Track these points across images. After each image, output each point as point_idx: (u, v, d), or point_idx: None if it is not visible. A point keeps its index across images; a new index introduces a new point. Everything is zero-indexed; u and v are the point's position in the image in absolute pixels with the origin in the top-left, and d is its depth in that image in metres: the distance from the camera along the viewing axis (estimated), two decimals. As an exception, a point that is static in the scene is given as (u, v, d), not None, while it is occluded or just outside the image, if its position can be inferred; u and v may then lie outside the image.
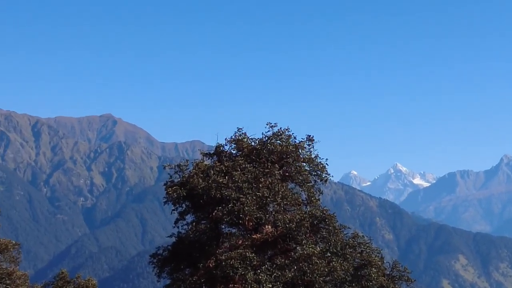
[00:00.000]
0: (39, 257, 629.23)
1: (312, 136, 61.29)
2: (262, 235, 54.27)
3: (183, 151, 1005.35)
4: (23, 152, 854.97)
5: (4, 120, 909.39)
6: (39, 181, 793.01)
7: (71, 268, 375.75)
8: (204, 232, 57.53)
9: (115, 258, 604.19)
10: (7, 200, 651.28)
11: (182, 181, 56.78)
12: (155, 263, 58.92)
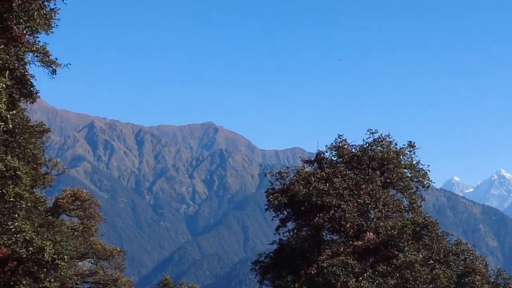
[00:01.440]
0: (143, 264, 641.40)
1: (413, 142, 60.75)
2: (363, 242, 53.99)
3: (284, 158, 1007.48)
4: (126, 160, 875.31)
5: (109, 129, 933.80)
6: (142, 188, 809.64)
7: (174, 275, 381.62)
8: (305, 239, 57.64)
9: (217, 265, 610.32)
10: (112, 207, 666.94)
11: (283, 188, 57.08)
12: (257, 270, 59.36)
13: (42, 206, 55.06)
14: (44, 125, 57.45)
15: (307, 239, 57.52)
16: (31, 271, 42.85)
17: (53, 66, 43.50)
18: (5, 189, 38.90)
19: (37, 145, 54.39)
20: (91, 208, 70.78)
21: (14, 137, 48.24)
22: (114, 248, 76.53)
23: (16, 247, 40.45)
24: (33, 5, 34.30)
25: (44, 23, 37.73)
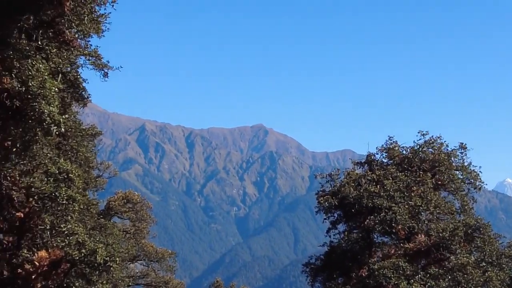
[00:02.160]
0: (194, 266, 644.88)
1: (464, 144, 60.16)
2: (415, 244, 53.60)
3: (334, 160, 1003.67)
4: (177, 163, 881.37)
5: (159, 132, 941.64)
6: (193, 191, 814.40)
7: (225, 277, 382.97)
8: (356, 241, 57.47)
9: (268, 267, 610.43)
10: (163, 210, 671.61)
11: (333, 190, 57.01)
12: (308, 272, 59.36)
13: (95, 208, 55.76)
14: (96, 128, 58.22)
15: (358, 241, 57.35)
16: (84, 273, 43.32)
17: (105, 69, 44.05)
18: (58, 191, 39.43)
19: (89, 148, 55.11)
20: (142, 210, 71.48)
21: (66, 140, 48.95)
22: (166, 250, 77.17)
23: (69, 249, 40.95)
24: (85, 9, 34.75)
25: (95, 27, 38.21)
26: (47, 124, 33.69)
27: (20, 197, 41.85)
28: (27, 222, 41.13)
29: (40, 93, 33.19)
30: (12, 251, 44.01)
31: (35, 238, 42.20)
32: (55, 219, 40.99)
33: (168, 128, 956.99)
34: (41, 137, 36.25)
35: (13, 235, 43.55)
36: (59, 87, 36.69)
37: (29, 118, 34.33)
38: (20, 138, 35.82)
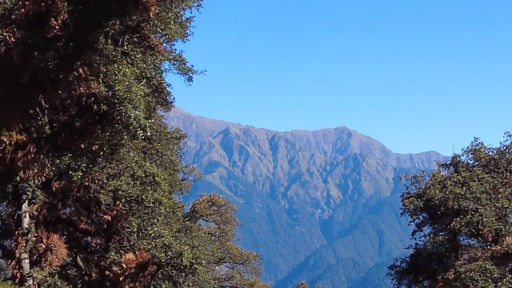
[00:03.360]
0: (279, 268, 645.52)
1: (552, 145, 58.64)
2: (502, 247, 52.52)
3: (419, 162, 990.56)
4: (261, 166, 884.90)
5: (243, 135, 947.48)
6: (277, 193, 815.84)
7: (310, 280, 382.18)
8: (442, 244, 56.69)
9: (353, 269, 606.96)
10: (248, 212, 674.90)
11: (418, 192, 56.45)
12: (394, 275, 58.84)
13: (180, 211, 56.39)
14: (180, 132, 58.93)
15: (444, 244, 56.56)
16: (170, 275, 43.87)
17: (189, 74, 44.49)
18: (145, 194, 40.05)
19: (174, 152, 55.82)
20: (227, 213, 71.92)
21: (152, 144, 49.69)
22: (250, 253, 77.43)
23: (155, 252, 41.53)
24: (170, 14, 35.17)
25: (180, 31, 38.63)
26: (133, 128, 34.21)
27: (107, 200, 42.68)
28: (115, 225, 41.88)
29: (126, 97, 33.74)
30: (100, 254, 44.90)
31: (123, 240, 42.92)
32: (141, 221, 41.64)
33: (252, 131, 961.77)
34: (127, 141, 36.85)
35: (101, 237, 44.43)
36: (145, 92, 37.23)
37: (116, 122, 34.93)
38: (107, 142, 36.48)
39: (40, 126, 36.54)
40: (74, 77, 32.39)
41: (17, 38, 33.19)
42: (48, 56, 31.18)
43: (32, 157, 35.46)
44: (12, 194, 38.32)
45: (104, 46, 32.75)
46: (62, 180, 39.64)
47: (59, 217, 44.21)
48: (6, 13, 34.05)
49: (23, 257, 37.90)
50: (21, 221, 38.12)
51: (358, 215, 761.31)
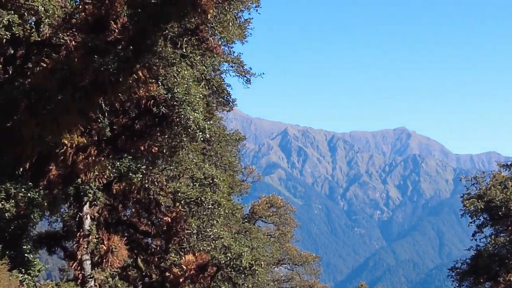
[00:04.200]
0: (338, 270, 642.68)
1: None
2: None
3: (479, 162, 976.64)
4: (320, 167, 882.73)
5: (302, 136, 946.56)
6: (336, 195, 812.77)
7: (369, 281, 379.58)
8: (503, 245, 55.81)
9: (412, 271, 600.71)
10: (306, 213, 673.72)
11: (479, 193, 55.67)
12: (454, 277, 58.10)
13: (239, 213, 56.47)
14: (239, 133, 58.99)
15: (506, 245, 55.67)
16: (230, 276, 43.94)
17: (247, 76, 44.49)
18: (204, 196, 40.15)
19: (233, 153, 55.90)
20: (286, 214, 71.78)
21: (211, 146, 49.84)
22: (310, 254, 77.13)
23: (215, 253, 41.63)
24: (228, 16, 35.19)
25: (238, 33, 38.63)
26: (192, 130, 34.36)
27: (167, 202, 42.94)
28: (174, 226, 42.10)
29: (185, 100, 33.90)
30: (160, 255, 45.22)
31: (182, 242, 43.12)
32: (201, 223, 41.76)
33: (310, 132, 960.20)
34: (186, 143, 37.03)
35: (161, 239, 44.74)
36: (204, 93, 37.36)
37: (175, 124, 35.15)
38: (167, 144, 36.73)
39: (100, 128, 36.98)
40: (134, 80, 32.65)
41: (77, 41, 33.59)
42: (108, 59, 31.48)
43: (93, 159, 35.88)
44: (74, 196, 38.86)
45: (163, 49, 32.93)
46: (122, 182, 40.06)
47: (119, 219, 44.68)
48: (67, 17, 34.49)
49: (85, 259, 38.38)
50: (83, 223, 38.62)
51: (418, 216, 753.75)
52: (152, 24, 31.72)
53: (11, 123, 35.34)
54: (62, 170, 37.42)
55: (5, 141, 35.36)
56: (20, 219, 34.35)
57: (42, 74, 33.62)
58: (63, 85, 32.73)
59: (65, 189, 38.43)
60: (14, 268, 32.52)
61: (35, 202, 34.25)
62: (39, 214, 35.78)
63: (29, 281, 34.24)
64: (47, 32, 33.93)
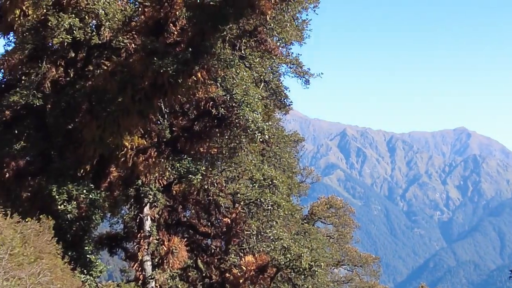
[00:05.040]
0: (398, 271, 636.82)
1: None
2: None
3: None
4: (379, 168, 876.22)
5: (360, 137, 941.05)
6: (395, 195, 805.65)
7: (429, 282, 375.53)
8: None
9: (473, 272, 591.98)
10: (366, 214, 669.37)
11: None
12: (518, 278, 57.10)
13: (298, 214, 56.28)
14: (298, 135, 58.85)
15: None
16: (290, 277, 43.84)
17: (306, 77, 44.31)
18: (263, 197, 40.12)
19: (292, 154, 55.76)
20: (345, 215, 71.31)
21: (270, 147, 49.77)
22: (369, 255, 76.58)
23: (274, 254, 41.53)
24: (286, 17, 35.10)
25: (296, 34, 38.51)
26: (251, 131, 34.33)
27: (226, 203, 43.04)
28: (234, 227, 42.17)
29: (244, 101, 33.89)
30: (220, 256, 45.33)
31: (242, 243, 43.17)
32: (260, 224, 41.74)
33: (369, 133, 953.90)
34: (245, 144, 37.02)
35: (220, 240, 44.86)
36: (262, 95, 37.31)
37: (234, 126, 35.18)
38: (226, 146, 36.79)
39: (160, 130, 37.26)
40: (193, 81, 32.75)
41: (137, 44, 33.90)
42: (167, 61, 31.65)
43: (153, 161, 36.14)
44: (134, 197, 39.23)
45: (222, 51, 32.96)
46: (182, 184, 40.27)
47: (179, 220, 44.94)
48: (127, 20, 34.84)
49: (145, 260, 38.70)
50: (143, 224, 38.95)
51: (478, 217, 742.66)
52: (211, 26, 31.78)
53: (72, 125, 35.87)
54: (123, 172, 37.82)
55: (67, 144, 35.90)
56: (82, 221, 34.79)
57: (103, 77, 34.03)
58: (123, 87, 33.05)
59: (126, 191, 38.84)
60: (77, 269, 32.91)
61: (97, 203, 34.68)
62: (100, 216, 36.24)
63: (91, 281, 34.65)
64: (108, 35, 34.32)
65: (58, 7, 33.06)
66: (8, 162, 35.60)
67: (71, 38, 32.43)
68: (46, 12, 32.74)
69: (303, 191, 64.10)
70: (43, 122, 36.17)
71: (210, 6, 30.85)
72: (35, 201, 35.13)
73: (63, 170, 34.58)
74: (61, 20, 31.84)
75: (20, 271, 21.39)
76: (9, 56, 35.77)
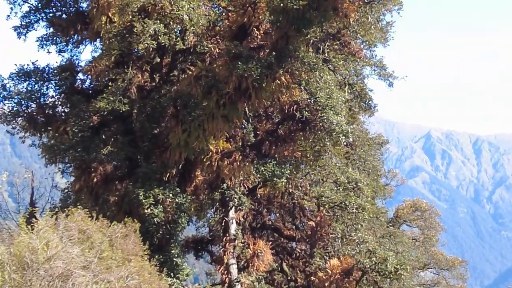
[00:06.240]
0: (485, 274, 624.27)
1: None
2: None
3: None
4: (464, 170, 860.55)
5: (445, 139, 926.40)
6: (481, 198, 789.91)
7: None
8: None
9: None
10: (451, 217, 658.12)
11: None
12: None
13: (383, 217, 55.80)
14: (382, 137, 58.35)
15: None
16: (375, 281, 43.39)
17: (390, 79, 43.96)
18: (348, 200, 39.91)
19: (376, 157, 55.32)
20: (431, 218, 70.37)
21: (354, 150, 49.49)
22: (456, 258, 75.42)
23: (360, 257, 41.22)
24: (370, 19, 34.89)
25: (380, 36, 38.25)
26: (335, 134, 34.19)
27: (311, 206, 42.97)
28: (319, 231, 42.02)
29: (328, 104, 33.80)
30: (305, 259, 45.29)
31: (327, 246, 43.01)
32: (345, 227, 41.53)
33: (454, 135, 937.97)
34: (330, 147, 36.90)
35: (305, 243, 44.79)
36: (346, 98, 37.14)
37: (318, 129, 35.07)
38: (311, 149, 36.71)
39: (245, 134, 37.45)
40: (277, 85, 32.78)
41: (221, 49, 34.19)
42: (252, 66, 31.76)
43: (237, 164, 36.32)
44: (219, 201, 39.53)
45: (306, 54, 32.94)
46: (266, 187, 40.40)
47: (264, 223, 45.09)
48: (211, 25, 35.18)
49: (231, 263, 38.93)
50: (229, 227, 39.21)
51: None
52: (294, 29, 31.77)
53: (158, 130, 36.41)
54: (208, 176, 38.16)
55: (153, 148, 36.46)
56: (169, 224, 35.21)
57: (188, 82, 34.39)
58: (208, 91, 33.32)
59: (211, 194, 39.17)
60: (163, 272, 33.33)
61: (183, 207, 35.06)
62: (186, 219, 36.59)
63: (177, 285, 35.03)
64: (192, 40, 34.72)
65: (143, 14, 33.56)
66: (96, 167, 36.25)
67: (156, 44, 32.88)
68: (131, 19, 33.26)
69: (388, 194, 63.53)
70: (130, 127, 36.79)
71: (294, 10, 30.84)
72: (122, 205, 35.69)
73: (149, 174, 35.06)
74: (146, 26, 32.32)
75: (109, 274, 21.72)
76: (96, 63, 36.48)
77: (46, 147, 37.06)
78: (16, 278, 19.42)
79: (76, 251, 20.96)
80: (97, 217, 25.50)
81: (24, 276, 19.51)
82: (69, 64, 38.32)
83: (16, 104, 37.25)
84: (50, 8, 37.80)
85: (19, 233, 21.61)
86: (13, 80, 37.33)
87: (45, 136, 38.50)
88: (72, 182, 38.02)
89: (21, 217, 22.87)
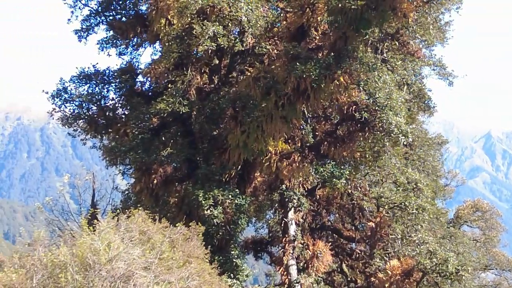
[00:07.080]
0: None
1: None
2: None
3: None
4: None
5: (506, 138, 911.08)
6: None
7: None
8: None
9: None
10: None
11: None
12: None
13: (444, 217, 55.19)
14: (442, 137, 57.79)
15: None
16: (436, 282, 42.97)
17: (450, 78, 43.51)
18: (408, 201, 39.59)
19: (436, 157, 54.80)
20: (492, 218, 69.37)
21: (413, 150, 49.11)
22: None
23: (420, 258, 40.87)
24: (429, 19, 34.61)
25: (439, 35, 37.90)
26: (395, 134, 33.97)
27: (370, 207, 42.75)
28: (378, 231, 41.78)
29: (387, 104, 33.60)
30: (365, 260, 45.06)
31: (387, 247, 42.74)
32: (405, 228, 41.20)
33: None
34: (389, 148, 36.69)
35: (365, 244, 44.56)
36: (405, 98, 36.88)
37: (377, 130, 34.90)
38: (370, 149, 36.55)
39: (303, 135, 37.44)
40: (335, 86, 32.72)
41: (279, 50, 34.25)
42: (310, 66, 31.75)
43: (296, 165, 36.35)
44: (279, 202, 39.61)
45: (364, 54, 32.84)
46: (325, 188, 40.34)
47: (323, 224, 44.99)
48: (269, 26, 35.27)
49: (291, 264, 38.96)
50: (288, 228, 39.25)
51: None
52: (353, 30, 31.69)
53: (217, 131, 36.63)
54: (267, 177, 38.24)
55: (212, 149, 36.70)
56: (228, 225, 35.36)
57: (246, 83, 34.52)
58: (267, 93, 33.41)
59: (270, 196, 39.28)
60: (223, 273, 33.50)
61: (242, 208, 35.18)
62: (246, 220, 36.70)
63: (237, 285, 35.18)
64: (250, 42, 34.83)
65: (202, 16, 33.78)
66: (156, 169, 36.61)
67: (215, 46, 33.10)
68: (190, 21, 33.51)
69: (448, 194, 62.86)
70: (189, 129, 37.09)
71: (352, 10, 30.76)
72: (182, 206, 36.00)
73: (209, 176, 35.28)
74: (205, 28, 32.54)
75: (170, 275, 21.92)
76: (155, 65, 36.90)
77: (106, 149, 37.61)
78: (79, 279, 19.76)
79: (137, 252, 21.23)
80: (159, 218, 25.81)
81: (86, 277, 19.84)
82: (129, 67, 38.83)
83: (77, 106, 37.87)
84: (110, 11, 38.32)
85: (81, 235, 21.94)
86: (74, 83, 38.00)
87: (105, 138, 39.11)
88: (132, 184, 38.48)
89: (83, 219, 23.23)
